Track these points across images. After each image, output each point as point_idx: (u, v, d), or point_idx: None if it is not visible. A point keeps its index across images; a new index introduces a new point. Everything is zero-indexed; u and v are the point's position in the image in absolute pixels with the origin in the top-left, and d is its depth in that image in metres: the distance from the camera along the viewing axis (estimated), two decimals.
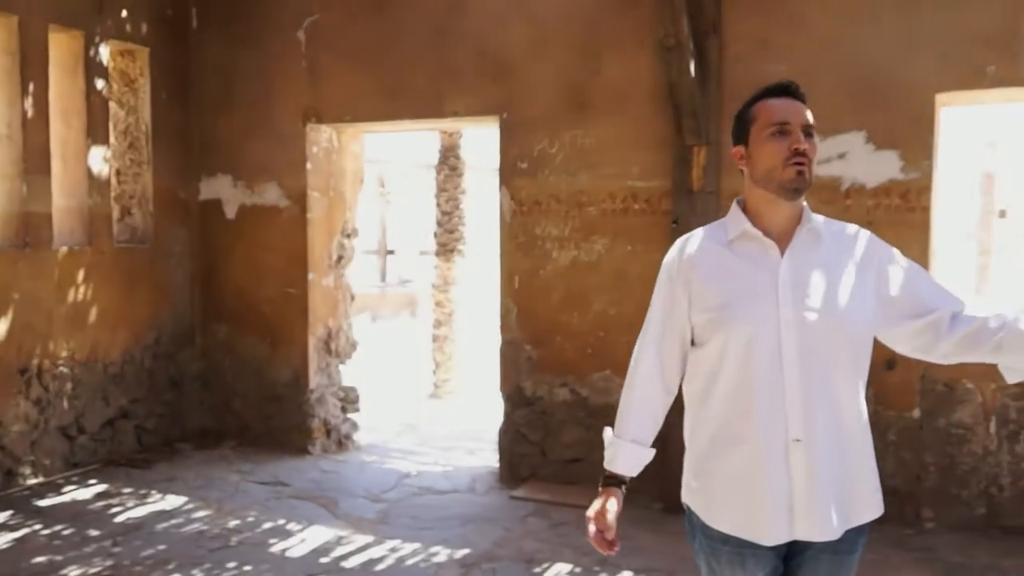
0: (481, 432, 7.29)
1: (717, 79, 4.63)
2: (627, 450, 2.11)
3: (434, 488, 5.32)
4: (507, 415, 5.43)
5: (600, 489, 2.14)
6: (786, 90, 1.97)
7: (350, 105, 5.74)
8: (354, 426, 6.30)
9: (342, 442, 6.16)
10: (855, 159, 4.52)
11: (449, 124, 5.70)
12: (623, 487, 2.13)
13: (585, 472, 5.18)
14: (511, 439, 5.41)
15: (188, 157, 6.26)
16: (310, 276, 5.92)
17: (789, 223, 1.96)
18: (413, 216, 17.43)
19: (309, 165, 5.89)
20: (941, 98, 4.36)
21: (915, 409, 4.54)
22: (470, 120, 5.48)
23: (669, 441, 2.37)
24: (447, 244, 9.32)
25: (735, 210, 2.02)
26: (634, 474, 2.14)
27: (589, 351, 5.16)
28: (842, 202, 4.54)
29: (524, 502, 5.02)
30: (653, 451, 2.14)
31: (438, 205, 9.35)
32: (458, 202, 9.30)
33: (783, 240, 1.96)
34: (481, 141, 13.13)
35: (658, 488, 4.91)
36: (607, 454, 2.15)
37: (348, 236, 6.19)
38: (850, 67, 4.47)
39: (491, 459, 6.09)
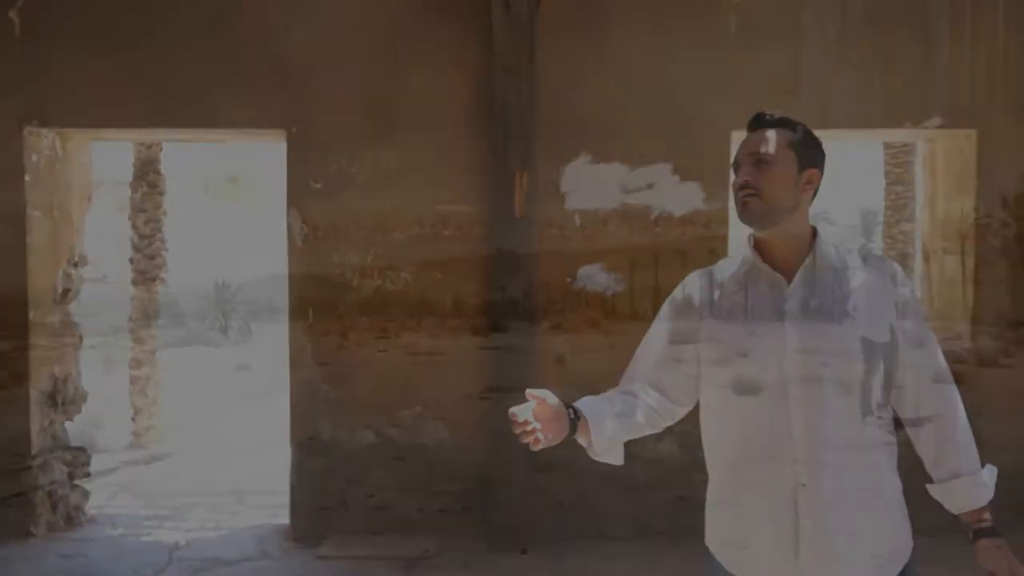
0: (213, 484, 6.48)
1: (536, 104, 4.56)
2: (587, 399, 1.92)
3: (220, 558, 4.54)
4: (299, 464, 4.82)
5: None
6: (751, 123, 1.96)
7: (87, 107, 4.72)
8: (85, 495, 5.16)
9: (71, 516, 5.02)
10: (663, 189, 4.72)
11: (224, 135, 4.93)
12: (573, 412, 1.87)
13: (394, 518, 4.77)
14: (306, 491, 4.81)
15: None
16: (30, 315, 4.74)
17: (796, 254, 1.90)
18: None
19: (27, 177, 4.73)
20: (736, 135, 4.73)
21: None
22: (252, 133, 4.78)
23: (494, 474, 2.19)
24: (147, 272, 8.16)
25: (746, 243, 1.95)
26: (585, 412, 1.87)
27: (397, 388, 4.78)
28: (652, 230, 4.73)
29: (336, 561, 4.47)
30: (608, 423, 1.89)
31: (135, 227, 8.16)
32: (160, 224, 8.19)
33: (794, 273, 1.89)
34: (185, 155, 11.78)
35: (479, 525, 4.69)
36: None
37: (76, 265, 5.08)
38: (656, 101, 4.66)
39: (251, 514, 5.39)
